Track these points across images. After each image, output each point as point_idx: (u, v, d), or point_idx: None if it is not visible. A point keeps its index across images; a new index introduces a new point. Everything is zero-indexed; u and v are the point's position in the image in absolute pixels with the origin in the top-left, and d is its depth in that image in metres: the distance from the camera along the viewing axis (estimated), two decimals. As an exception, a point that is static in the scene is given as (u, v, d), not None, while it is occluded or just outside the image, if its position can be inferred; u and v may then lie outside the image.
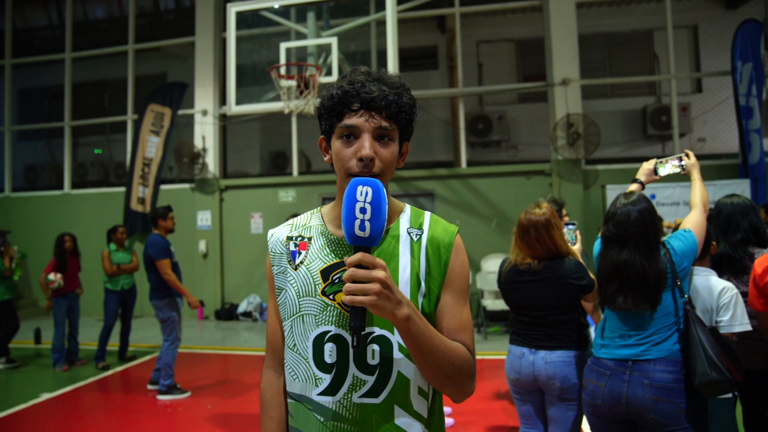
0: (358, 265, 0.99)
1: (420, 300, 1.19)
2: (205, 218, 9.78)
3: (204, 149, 9.76)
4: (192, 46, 10.23)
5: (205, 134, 9.83)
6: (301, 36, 6.27)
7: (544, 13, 9.12)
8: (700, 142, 9.55)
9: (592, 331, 4.00)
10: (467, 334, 1.22)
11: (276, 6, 6.15)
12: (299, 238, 1.28)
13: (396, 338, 1.16)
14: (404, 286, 1.18)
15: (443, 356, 1.11)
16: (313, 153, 10.73)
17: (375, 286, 0.97)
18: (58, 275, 6.01)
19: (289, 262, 1.26)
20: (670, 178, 2.96)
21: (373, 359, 1.16)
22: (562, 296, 2.66)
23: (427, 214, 1.30)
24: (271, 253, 1.30)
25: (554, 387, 2.63)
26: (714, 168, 8.36)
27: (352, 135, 1.15)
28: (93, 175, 11.36)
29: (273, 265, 1.29)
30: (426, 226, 1.26)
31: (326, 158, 1.26)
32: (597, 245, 2.55)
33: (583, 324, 2.77)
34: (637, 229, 2.32)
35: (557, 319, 2.67)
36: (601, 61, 10.28)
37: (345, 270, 1.08)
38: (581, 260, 2.77)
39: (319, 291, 1.19)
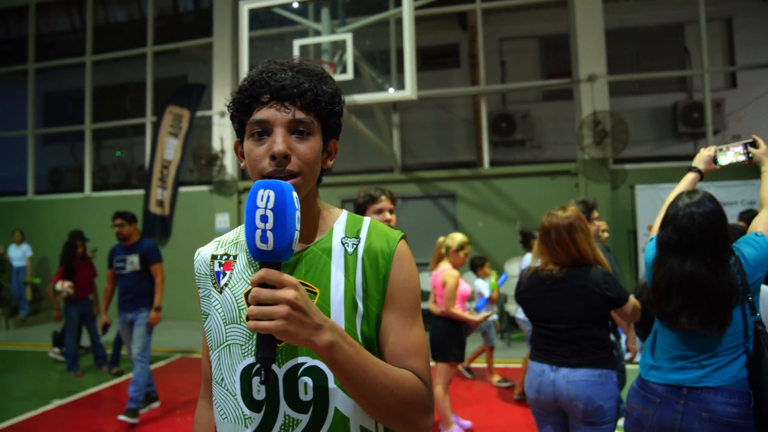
0: (264, 285, 0.84)
1: (358, 323, 1.02)
2: (223, 220, 9.71)
3: (222, 151, 9.69)
4: (211, 48, 10.19)
5: (223, 136, 9.76)
6: (317, 35, 6.11)
7: (569, 8, 8.83)
8: (735, 140, 9.13)
9: (623, 343, 3.75)
10: (418, 359, 1.03)
11: (295, 5, 6.00)
12: (225, 257, 1.12)
13: None
14: (338, 307, 1.01)
15: (384, 388, 0.93)
16: (333, 154, 10.59)
17: (282, 309, 0.82)
18: (66, 284, 5.88)
19: (213, 284, 1.11)
20: (723, 172, 2.61)
21: (306, 395, 1.00)
22: (587, 309, 2.41)
23: (366, 221, 1.12)
24: (197, 275, 1.15)
25: (577, 409, 2.37)
26: (751, 166, 7.95)
27: (263, 131, 0.99)
28: (115, 177, 11.41)
29: (199, 288, 1.14)
30: (363, 234, 1.08)
31: (242, 164, 1.08)
32: (650, 250, 2.16)
33: (611, 342, 2.51)
34: (703, 235, 1.96)
35: (580, 334, 2.41)
36: (629, 57, 9.91)
37: None
38: (610, 269, 2.51)
39: (243, 317, 1.03)
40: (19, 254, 9.97)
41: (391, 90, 6.29)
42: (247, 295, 1.02)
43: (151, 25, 10.82)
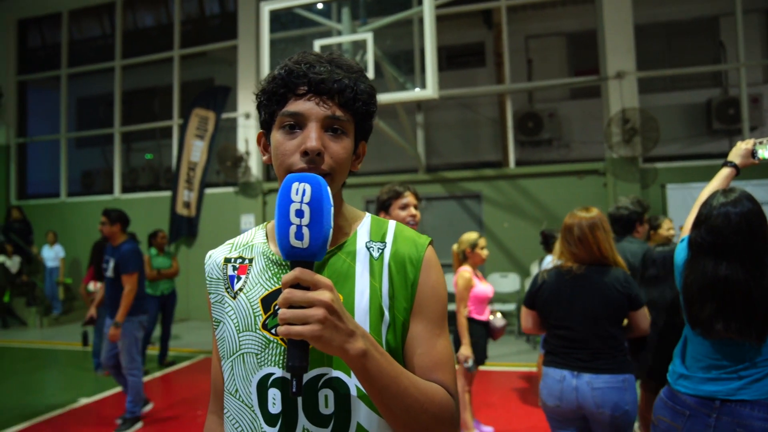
0: (297, 286, 0.78)
1: (384, 332, 0.96)
2: (248, 222, 9.77)
3: (247, 152, 9.75)
4: (236, 50, 10.29)
5: (248, 137, 9.83)
6: (338, 35, 6.09)
7: (596, 4, 8.63)
8: (774, 137, 8.77)
9: None
10: (445, 371, 0.97)
11: (319, 6, 5.98)
12: (239, 260, 1.06)
13: (354, 381, 0.94)
14: (362, 315, 0.95)
15: (414, 402, 0.87)
16: (357, 155, 10.56)
17: (318, 312, 0.76)
18: (98, 284, 6.01)
19: (226, 289, 1.04)
20: (761, 168, 2.50)
21: (327, 408, 0.93)
22: (606, 305, 2.37)
23: (392, 224, 1.07)
24: (208, 279, 1.09)
25: (604, 416, 2.30)
26: (790, 164, 7.63)
27: (296, 125, 0.94)
28: (144, 179, 11.62)
29: (210, 293, 1.08)
30: (389, 239, 1.03)
31: (265, 158, 1.03)
32: (681, 251, 2.05)
33: (626, 346, 2.48)
34: (739, 237, 1.82)
35: (598, 332, 2.37)
36: (660, 53, 9.62)
37: None
38: (628, 270, 2.49)
39: (259, 324, 0.97)
40: (52, 255, 10.24)
41: (416, 90, 6.22)
42: (264, 300, 0.98)
43: (178, 29, 10.99)
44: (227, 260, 1.07)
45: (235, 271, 1.05)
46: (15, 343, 8.44)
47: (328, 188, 0.84)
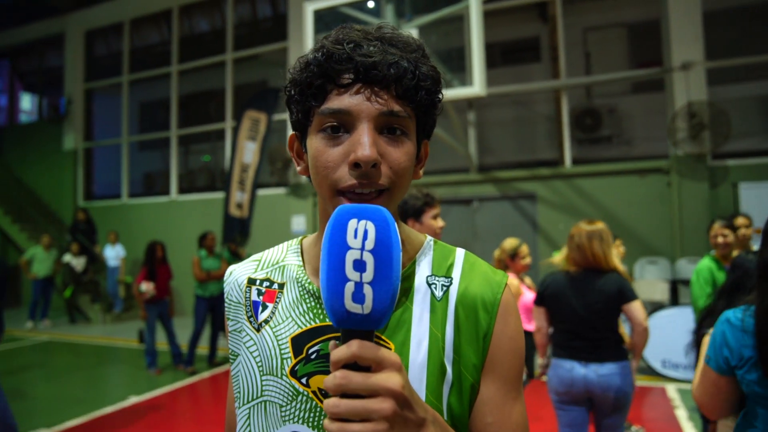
0: (353, 365, 0.58)
1: (445, 394, 0.75)
2: (299, 223, 9.83)
3: (298, 154, 9.80)
4: (287, 52, 10.38)
5: (298, 139, 9.87)
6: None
7: (660, -9, 8.11)
8: None
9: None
10: None
11: (370, 4, 5.87)
12: (266, 283, 0.84)
13: None
14: (418, 372, 0.74)
15: None
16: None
17: (385, 405, 0.56)
18: (150, 285, 6.14)
19: (249, 318, 0.83)
20: None
21: None
22: (600, 301, 2.69)
23: (460, 253, 0.84)
24: (227, 301, 0.88)
25: (609, 399, 2.66)
26: None
27: (341, 127, 0.71)
28: (201, 181, 11.93)
29: (228, 319, 0.87)
30: (457, 273, 0.80)
31: (299, 168, 0.81)
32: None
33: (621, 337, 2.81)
34: None
35: (597, 327, 2.70)
36: (732, 40, 8.94)
37: (325, 340, 0.70)
38: (629, 278, 2.94)
39: (287, 369, 0.76)
40: (113, 254, 10.64)
41: (465, 87, 6.00)
42: (295, 340, 0.77)
43: (231, 32, 11.21)
44: (251, 281, 0.86)
45: (261, 297, 0.83)
46: (81, 338, 8.81)
47: (396, 223, 0.62)
